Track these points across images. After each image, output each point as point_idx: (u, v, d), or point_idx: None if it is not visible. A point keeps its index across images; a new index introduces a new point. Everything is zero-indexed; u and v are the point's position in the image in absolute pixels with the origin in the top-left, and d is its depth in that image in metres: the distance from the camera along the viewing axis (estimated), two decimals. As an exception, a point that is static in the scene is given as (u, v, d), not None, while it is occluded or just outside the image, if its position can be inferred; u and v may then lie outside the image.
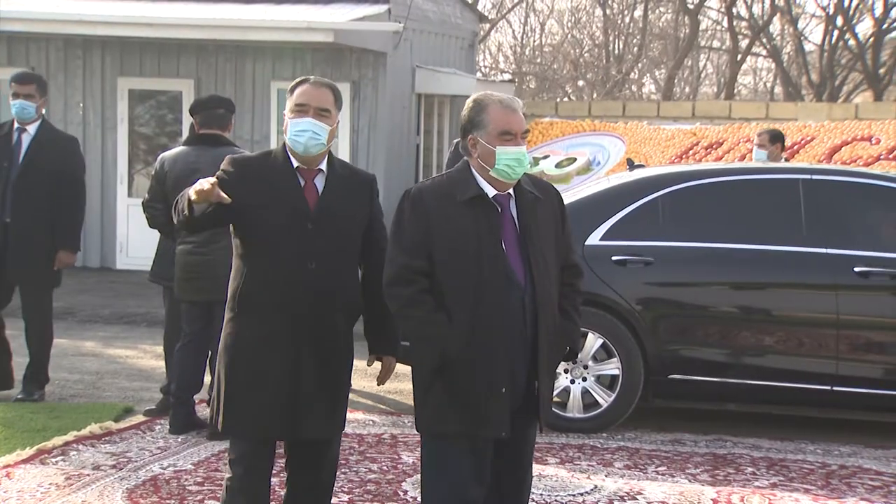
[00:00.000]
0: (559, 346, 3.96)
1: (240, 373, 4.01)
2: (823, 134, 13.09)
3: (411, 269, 3.78)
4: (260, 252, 4.02)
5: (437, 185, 3.88)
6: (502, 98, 3.83)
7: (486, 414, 3.74)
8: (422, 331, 3.80)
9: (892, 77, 25.36)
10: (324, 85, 4.09)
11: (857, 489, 5.65)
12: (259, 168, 4.09)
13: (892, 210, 6.91)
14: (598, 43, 30.09)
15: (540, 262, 3.81)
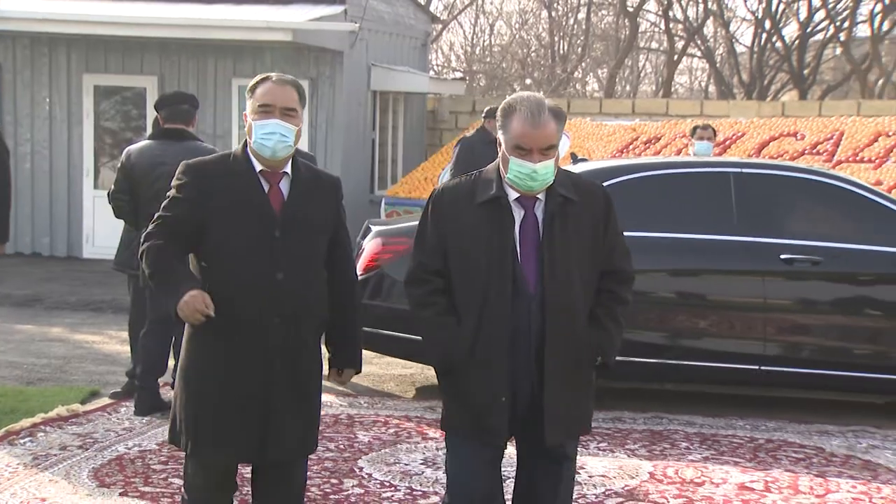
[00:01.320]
0: (585, 357, 3.55)
1: (205, 392, 3.60)
2: (753, 130, 13.23)
3: (426, 270, 3.55)
4: (224, 263, 3.59)
5: (461, 185, 3.58)
6: (531, 107, 3.41)
7: (486, 421, 3.50)
8: (429, 333, 3.57)
9: (815, 77, 25.70)
10: (288, 83, 3.68)
11: (781, 461, 5.74)
12: (218, 173, 3.64)
13: (815, 201, 7.00)
14: (544, 43, 30.17)
15: (556, 270, 3.44)
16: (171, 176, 6.11)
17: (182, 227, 3.60)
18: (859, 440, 6.22)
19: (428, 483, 5.18)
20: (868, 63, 23.85)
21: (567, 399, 3.51)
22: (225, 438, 3.59)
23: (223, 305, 3.52)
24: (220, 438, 3.59)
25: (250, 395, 3.58)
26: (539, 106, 3.40)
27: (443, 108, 16.72)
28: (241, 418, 3.58)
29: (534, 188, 3.45)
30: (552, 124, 3.40)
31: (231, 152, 3.75)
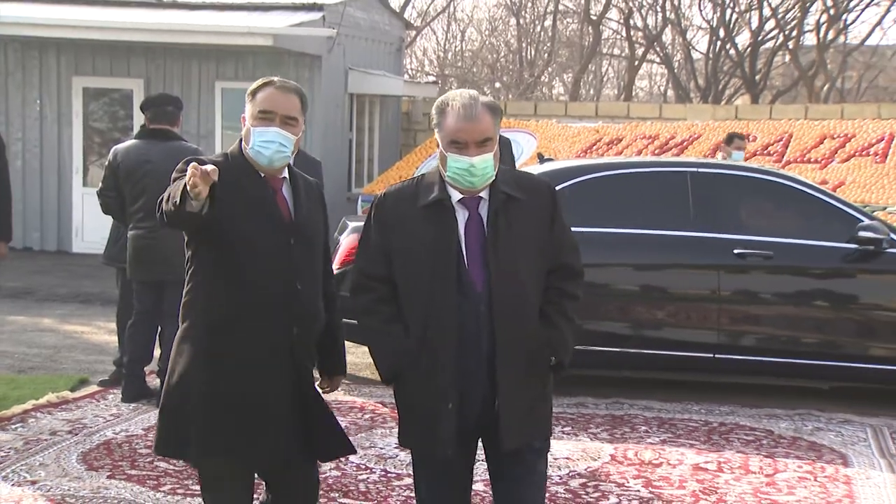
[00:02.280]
0: (539, 357, 3.25)
1: (222, 398, 3.27)
2: (708, 132, 13.31)
3: (370, 277, 3.27)
4: (236, 272, 3.25)
5: (404, 189, 3.29)
6: (465, 102, 3.17)
7: (433, 430, 3.18)
8: (374, 341, 3.30)
9: (766, 83, 25.85)
10: (291, 90, 3.35)
11: (733, 443, 5.77)
12: (229, 176, 3.21)
13: (766, 199, 7.04)
14: (512, 49, 30.19)
15: (503, 269, 3.15)
16: (156, 174, 6.20)
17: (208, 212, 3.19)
18: (805, 423, 6.27)
19: (402, 465, 5.18)
20: (814, 70, 24.04)
21: (523, 402, 3.20)
22: (246, 443, 3.29)
23: (243, 315, 3.25)
24: (240, 443, 3.29)
25: (268, 402, 3.29)
26: (472, 100, 3.17)
27: (416, 110, 16.70)
28: (261, 424, 3.28)
29: (474, 184, 3.17)
30: (487, 118, 3.16)
31: (227, 153, 3.40)
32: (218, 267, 3.27)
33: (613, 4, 26.50)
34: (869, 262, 6.60)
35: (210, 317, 3.28)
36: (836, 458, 5.55)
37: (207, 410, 3.28)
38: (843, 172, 12.10)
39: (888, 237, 6.55)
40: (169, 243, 6.14)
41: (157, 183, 6.21)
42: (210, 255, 3.28)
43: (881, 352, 6.56)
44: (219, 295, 3.26)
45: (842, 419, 6.36)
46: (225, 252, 3.26)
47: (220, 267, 3.27)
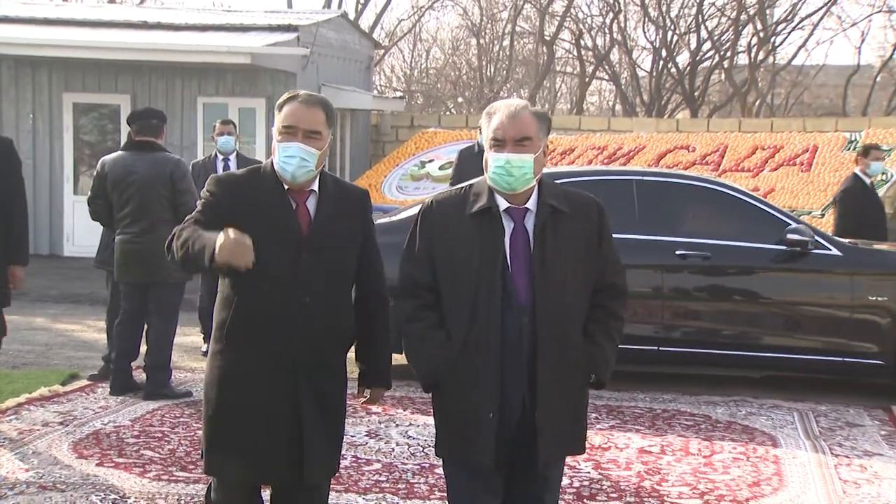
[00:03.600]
0: (580, 374, 3.02)
1: (231, 411, 3.09)
2: (652, 143, 13.40)
3: (416, 284, 3.04)
4: (250, 283, 3.03)
5: (452, 197, 3.08)
6: (508, 104, 2.99)
7: (472, 439, 2.95)
8: (416, 348, 3.05)
9: (704, 98, 26.07)
10: (315, 103, 3.11)
11: (675, 428, 5.82)
12: (247, 189, 3.11)
13: (704, 205, 7.09)
14: (473, 67, 30.23)
15: (549, 282, 2.93)
16: (141, 183, 6.15)
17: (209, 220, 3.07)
18: (740, 408, 6.32)
19: (371, 452, 5.17)
20: (747, 87, 24.28)
21: (560, 416, 2.98)
22: (252, 458, 3.08)
23: (251, 325, 3.07)
24: (247, 458, 3.09)
25: (276, 416, 3.08)
26: (518, 104, 2.99)
27: (385, 123, 16.68)
28: (269, 439, 3.07)
29: (513, 185, 2.93)
30: (529, 118, 2.94)
31: (261, 166, 3.20)
32: (230, 280, 3.09)
33: (566, 26, 26.62)
34: (796, 261, 6.67)
35: (220, 328, 3.12)
36: (766, 440, 5.60)
37: (217, 425, 3.11)
38: (773, 180, 12.23)
39: (813, 239, 6.63)
40: (153, 248, 6.10)
41: (143, 191, 6.18)
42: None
43: (807, 343, 6.63)
44: (229, 306, 3.10)
45: (772, 405, 6.43)
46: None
47: (232, 280, 3.08)
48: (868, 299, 6.57)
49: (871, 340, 6.54)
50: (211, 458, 3.14)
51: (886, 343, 6.52)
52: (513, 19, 27.65)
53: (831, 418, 6.13)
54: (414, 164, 14.02)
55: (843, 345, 6.57)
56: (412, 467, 4.92)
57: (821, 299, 6.67)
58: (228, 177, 3.22)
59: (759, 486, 4.78)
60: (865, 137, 12.40)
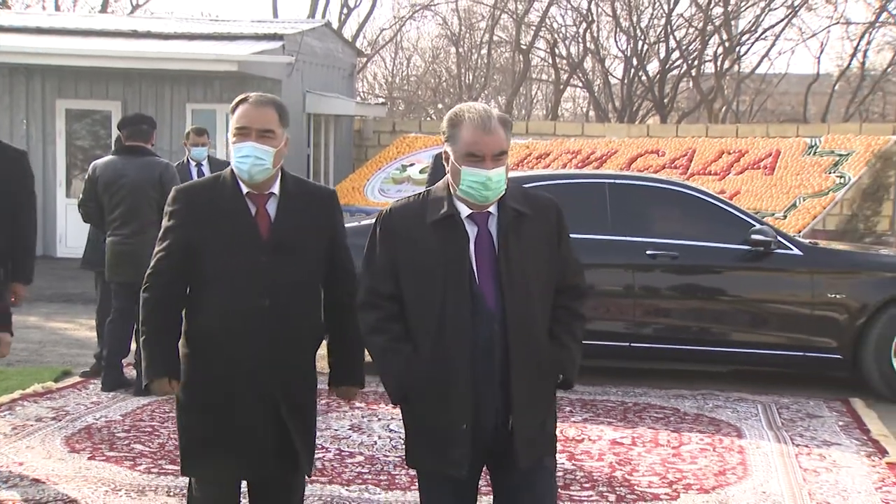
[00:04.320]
0: (548, 376, 2.90)
1: (200, 414, 3.05)
2: (624, 148, 13.43)
3: (378, 294, 2.85)
4: (210, 290, 3.00)
5: (410, 205, 2.89)
6: (480, 115, 2.78)
7: (446, 451, 2.80)
8: (383, 360, 2.85)
9: (673, 105, 26.20)
10: (265, 103, 3.03)
11: (646, 420, 5.84)
12: (206, 197, 3.03)
13: (673, 206, 7.10)
14: (452, 75, 30.24)
15: (516, 286, 2.78)
16: (131, 186, 6.12)
17: (178, 260, 3.01)
18: (707, 401, 6.35)
19: (354, 445, 5.16)
20: (713, 94, 24.42)
21: (535, 420, 2.85)
22: (223, 458, 3.04)
23: (213, 331, 3.00)
24: (218, 458, 3.04)
25: (243, 418, 3.01)
26: (487, 112, 2.80)
27: (367, 129, 16.66)
28: (237, 439, 3.02)
29: (488, 198, 2.79)
30: (501, 131, 2.80)
31: (221, 174, 3.11)
32: (193, 286, 3.05)
33: (541, 36, 26.66)
34: (760, 261, 6.70)
35: (186, 333, 3.07)
36: (732, 431, 5.63)
37: (190, 423, 3.08)
38: (739, 183, 12.29)
39: (776, 240, 6.67)
40: (143, 249, 6.06)
41: (132, 194, 6.15)
42: (189, 276, 3.04)
43: (770, 339, 6.67)
44: (192, 312, 3.05)
45: (737, 398, 6.47)
46: (198, 274, 3.02)
47: (195, 286, 3.05)
48: (827, 297, 6.62)
49: (829, 336, 6.60)
50: (186, 460, 3.10)
51: (844, 338, 6.57)
52: (490, 29, 27.68)
53: (793, 410, 6.17)
54: (395, 168, 14.02)
55: (804, 340, 6.62)
56: (394, 459, 4.91)
57: (783, 297, 6.71)
58: (189, 187, 3.14)
59: (725, 475, 4.81)
60: (825, 143, 12.50)
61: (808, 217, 11.19)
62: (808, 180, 11.87)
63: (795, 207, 11.45)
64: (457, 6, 28.93)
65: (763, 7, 24.21)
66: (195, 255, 3.00)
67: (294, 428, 3.05)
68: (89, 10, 27.38)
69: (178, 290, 3.06)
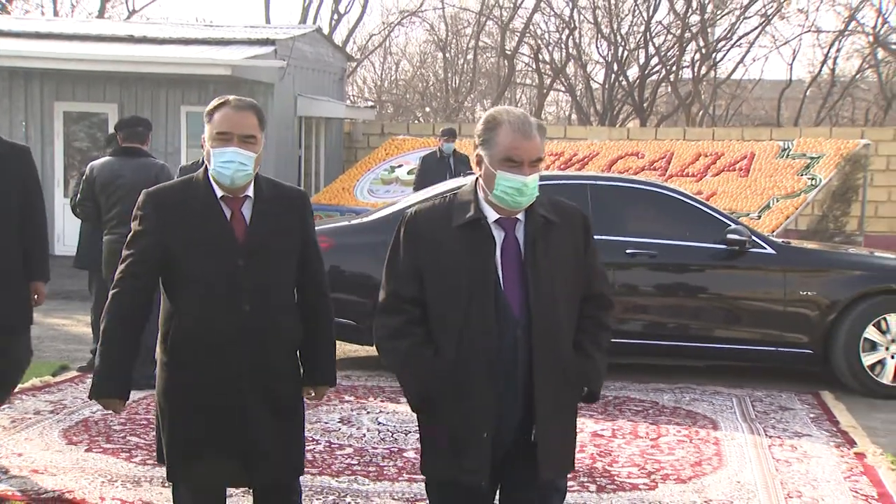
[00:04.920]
0: (572, 387, 2.74)
1: (180, 421, 2.89)
2: (605, 150, 13.45)
3: (400, 298, 2.72)
4: (188, 295, 2.86)
5: (436, 208, 2.75)
6: (520, 119, 2.66)
7: (465, 460, 2.65)
8: (404, 365, 2.72)
9: (652, 109, 26.27)
10: (246, 107, 2.90)
11: (626, 413, 5.85)
12: (178, 201, 2.89)
13: (652, 207, 7.11)
14: (439, 79, 30.21)
15: (542, 294, 2.65)
16: (128, 186, 6.09)
17: (147, 264, 2.88)
18: (684, 395, 6.38)
19: (344, 437, 5.16)
20: (691, 99, 24.50)
21: (558, 430, 2.70)
22: (205, 464, 2.90)
23: (191, 335, 2.86)
24: (201, 464, 2.90)
25: (226, 421, 2.87)
26: (526, 117, 2.68)
27: (357, 131, 16.63)
28: (219, 445, 2.87)
29: (522, 204, 2.67)
30: (539, 137, 2.68)
31: (192, 176, 2.97)
32: (169, 292, 2.91)
33: (525, 42, 26.68)
34: (735, 259, 6.73)
35: (164, 340, 2.92)
36: (708, 423, 5.66)
37: (171, 429, 2.92)
38: (715, 184, 12.34)
39: (750, 239, 6.70)
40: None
41: (129, 194, 6.12)
42: (162, 281, 2.92)
43: (745, 335, 6.70)
44: (169, 319, 2.90)
45: (713, 391, 6.50)
46: (173, 279, 2.88)
47: (170, 292, 2.91)
48: (799, 294, 6.65)
49: (801, 332, 6.63)
50: (172, 467, 2.94)
51: (815, 334, 6.61)
52: (476, 35, 27.68)
53: (766, 403, 6.20)
54: (384, 169, 14.01)
55: (777, 336, 6.65)
56: (382, 451, 4.91)
57: (757, 294, 6.74)
58: (159, 190, 2.98)
59: (701, 466, 4.83)
60: (797, 146, 12.56)
61: (781, 217, 11.24)
62: (781, 182, 11.92)
63: (769, 208, 11.50)
64: (444, 13, 28.95)
65: (738, 15, 24.34)
66: (168, 259, 2.86)
67: (282, 430, 2.93)
68: (87, 16, 27.24)
69: (145, 297, 2.92)
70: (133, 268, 2.90)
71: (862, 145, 12.32)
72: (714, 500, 4.33)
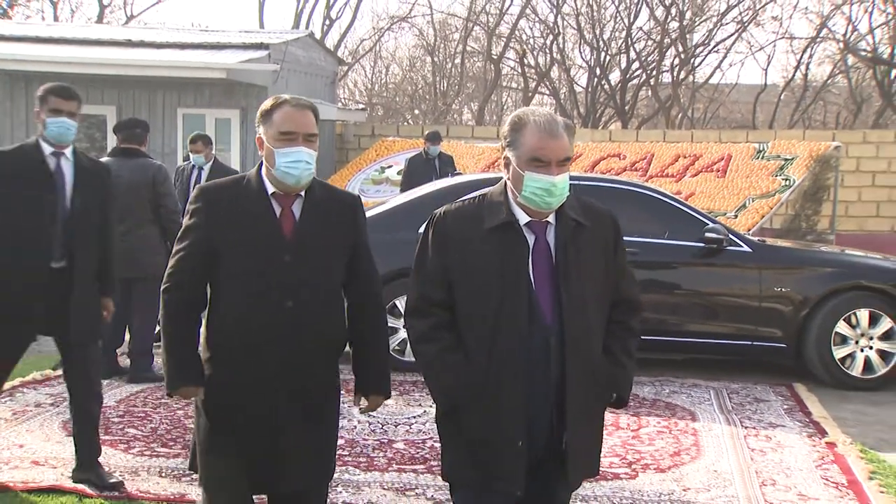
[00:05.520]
0: (602, 393, 2.62)
1: (216, 422, 2.77)
2: (588, 151, 13.47)
3: (429, 301, 2.59)
4: (232, 290, 2.74)
5: (465, 208, 2.62)
6: (547, 119, 2.52)
7: (499, 468, 2.52)
8: (432, 370, 2.59)
9: (633, 112, 26.32)
10: (306, 107, 2.79)
11: (608, 405, 5.86)
12: (231, 198, 2.78)
13: (633, 206, 7.07)
14: (428, 83, 30.19)
15: (574, 299, 2.52)
16: (126, 185, 6.06)
17: (198, 258, 2.76)
18: (664, 387, 6.40)
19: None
20: (670, 102, 24.56)
21: (588, 436, 2.60)
22: (236, 468, 2.75)
23: (233, 332, 2.73)
24: (232, 468, 2.75)
25: (260, 427, 2.74)
26: (553, 116, 2.54)
27: (348, 133, 16.60)
28: (252, 449, 2.75)
29: (552, 205, 2.52)
30: (566, 136, 2.53)
31: (246, 175, 2.85)
32: (214, 287, 2.79)
33: (511, 46, 26.69)
34: (713, 257, 6.75)
35: (207, 338, 2.80)
36: (686, 415, 5.68)
37: (204, 436, 2.78)
38: (693, 185, 12.38)
39: (727, 237, 6.73)
40: (138, 246, 6.05)
41: (127, 194, 6.09)
42: (210, 277, 2.79)
43: (723, 329, 6.73)
44: (214, 313, 2.78)
45: (692, 384, 6.52)
46: (220, 274, 2.76)
47: (215, 287, 2.78)
48: (774, 290, 6.68)
49: (775, 326, 6.66)
50: (202, 469, 2.80)
51: (788, 329, 6.64)
52: (463, 40, 27.67)
53: (742, 395, 6.23)
54: (374, 170, 13.99)
55: (752, 330, 6.68)
56: (372, 443, 4.91)
57: (733, 290, 6.75)
58: (211, 186, 2.86)
59: (680, 456, 4.84)
60: (771, 148, 12.61)
61: (756, 216, 11.29)
62: (756, 183, 11.97)
63: (745, 208, 11.54)
64: (432, 19, 28.94)
65: (715, 22, 24.42)
66: (216, 255, 2.74)
67: (314, 434, 2.79)
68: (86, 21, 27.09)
69: (197, 291, 2.80)
70: (183, 262, 2.79)
71: (833, 147, 12.38)
72: (692, 489, 4.34)
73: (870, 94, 24.61)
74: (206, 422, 2.78)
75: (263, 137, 2.79)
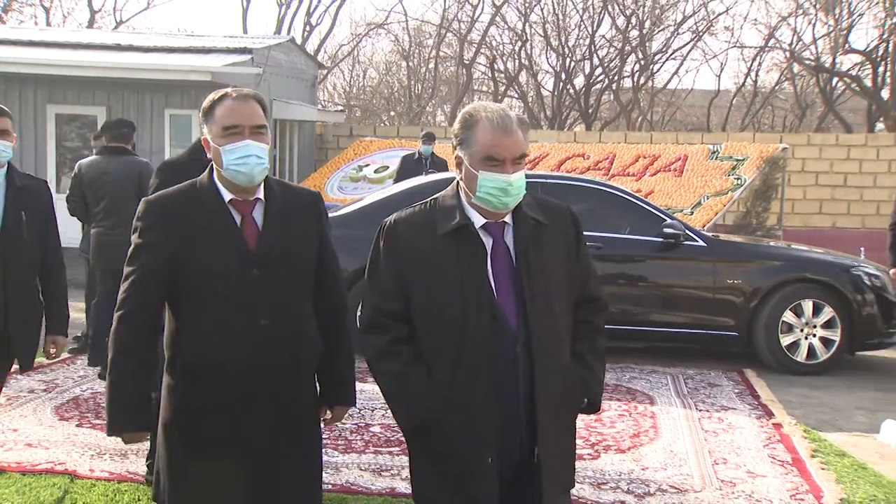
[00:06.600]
0: (572, 398, 2.34)
1: (187, 450, 2.35)
2: (554, 152, 13.50)
3: (385, 315, 2.28)
4: (198, 313, 2.32)
5: (417, 214, 2.31)
6: (499, 114, 2.23)
7: (471, 488, 2.21)
8: (393, 388, 2.28)
9: (596, 114, 26.42)
10: (249, 97, 2.38)
11: (572, 390, 5.88)
12: (183, 209, 2.35)
13: (596, 203, 7.09)
14: (403, 86, 30.10)
15: (538, 302, 2.23)
16: (113, 182, 5.99)
17: (154, 282, 2.34)
18: (624, 373, 6.43)
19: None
20: (631, 106, 24.69)
21: (560, 448, 2.31)
22: (215, 497, 2.35)
23: (203, 358, 2.31)
24: (209, 497, 2.35)
25: (238, 453, 2.34)
26: (505, 112, 2.25)
27: (327, 133, 16.50)
28: (232, 475, 2.34)
29: (508, 205, 2.25)
30: (520, 132, 2.25)
31: (196, 181, 2.42)
32: (176, 309, 2.37)
33: (482, 52, 26.67)
34: (671, 251, 6.79)
35: (172, 362, 2.37)
36: (645, 399, 5.71)
37: (174, 465, 2.37)
38: (652, 183, 12.44)
39: (684, 232, 6.78)
40: (124, 239, 5.93)
41: (114, 190, 6.03)
42: (170, 297, 2.37)
43: (679, 319, 6.77)
44: (178, 338, 2.35)
45: (650, 370, 6.56)
46: (180, 295, 2.34)
47: (178, 309, 2.36)
48: (727, 282, 6.74)
49: (728, 316, 6.72)
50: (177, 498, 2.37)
51: (740, 318, 6.70)
52: (437, 46, 27.62)
53: (697, 380, 6.28)
54: (353, 168, 13.93)
55: (707, 320, 6.73)
56: (350, 426, 4.89)
57: (689, 282, 6.80)
58: (161, 197, 2.41)
59: (639, 437, 4.87)
60: (724, 149, 12.71)
61: (710, 213, 11.38)
62: (710, 182, 12.06)
63: (700, 205, 11.63)
64: (407, 25, 28.84)
65: (672, 32, 24.60)
66: (176, 274, 2.33)
67: (299, 462, 2.42)
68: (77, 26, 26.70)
69: (154, 319, 2.37)
70: (137, 287, 2.35)
71: (781, 149, 12.51)
72: (650, 468, 4.37)
73: (813, 100, 24.91)
74: (174, 451, 2.37)
75: (208, 137, 2.38)
